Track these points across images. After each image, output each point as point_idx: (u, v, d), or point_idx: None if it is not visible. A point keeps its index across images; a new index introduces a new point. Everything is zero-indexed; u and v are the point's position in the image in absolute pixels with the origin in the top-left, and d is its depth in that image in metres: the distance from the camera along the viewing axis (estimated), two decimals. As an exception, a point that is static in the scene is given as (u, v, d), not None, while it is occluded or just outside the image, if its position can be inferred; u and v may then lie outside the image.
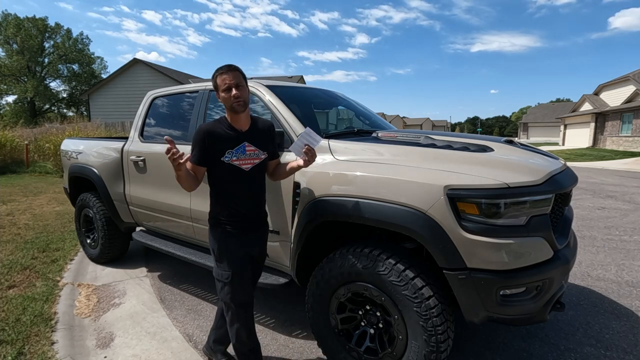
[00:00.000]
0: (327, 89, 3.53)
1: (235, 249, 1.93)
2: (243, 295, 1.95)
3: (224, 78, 1.82)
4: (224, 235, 1.93)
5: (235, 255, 1.92)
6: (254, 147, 1.91)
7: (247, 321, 1.98)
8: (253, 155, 1.91)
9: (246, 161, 1.89)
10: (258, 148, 1.93)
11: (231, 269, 1.91)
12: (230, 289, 1.91)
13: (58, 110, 42.05)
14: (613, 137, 24.94)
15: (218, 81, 1.84)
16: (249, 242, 1.97)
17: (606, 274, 3.61)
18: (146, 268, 3.96)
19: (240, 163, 1.88)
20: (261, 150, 1.94)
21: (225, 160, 1.86)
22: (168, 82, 19.92)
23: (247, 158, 1.89)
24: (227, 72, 1.83)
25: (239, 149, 1.88)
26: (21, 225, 5.35)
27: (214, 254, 1.97)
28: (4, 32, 36.76)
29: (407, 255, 1.94)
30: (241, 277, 1.93)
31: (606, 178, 10.96)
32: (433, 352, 1.80)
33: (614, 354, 2.36)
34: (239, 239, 1.93)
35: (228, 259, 1.92)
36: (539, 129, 45.07)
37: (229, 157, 1.86)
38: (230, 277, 1.90)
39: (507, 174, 1.78)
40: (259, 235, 2.05)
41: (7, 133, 13.41)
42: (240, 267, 1.93)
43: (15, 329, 2.60)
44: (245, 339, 1.97)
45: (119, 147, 3.60)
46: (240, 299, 1.94)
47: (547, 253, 1.80)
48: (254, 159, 1.91)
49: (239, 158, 1.88)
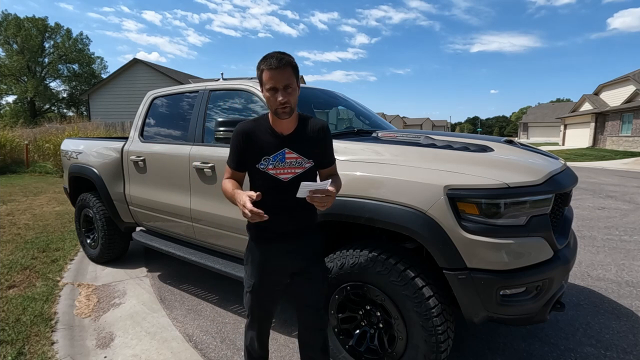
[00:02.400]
0: (327, 89, 3.52)
1: (261, 260, 1.70)
2: (260, 308, 1.77)
3: (270, 76, 1.49)
4: (254, 242, 1.73)
5: (260, 265, 1.71)
6: (296, 155, 1.60)
7: (261, 332, 1.83)
8: (294, 163, 1.59)
9: (285, 170, 1.59)
10: (302, 156, 1.60)
11: (253, 279, 1.73)
12: (250, 298, 1.76)
13: (58, 110, 42.05)
14: (613, 137, 24.93)
15: (264, 77, 1.51)
16: (281, 254, 1.69)
17: (606, 274, 3.60)
18: (146, 268, 3.96)
19: (277, 172, 1.58)
20: (305, 159, 1.61)
21: (260, 167, 1.59)
22: (168, 82, 19.91)
23: (286, 167, 1.59)
24: (276, 69, 1.48)
25: (277, 156, 1.58)
26: (21, 225, 5.35)
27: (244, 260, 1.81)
28: (4, 32, 36.76)
29: (407, 255, 1.94)
30: (261, 289, 1.73)
31: (606, 178, 10.95)
32: (433, 352, 1.80)
33: (614, 354, 2.35)
34: (267, 248, 1.69)
35: (252, 268, 1.74)
36: (539, 129, 45.07)
37: (265, 164, 1.58)
38: (252, 287, 1.74)
39: (507, 174, 1.78)
40: (294, 248, 1.69)
41: (7, 133, 13.41)
42: (261, 279, 1.71)
43: (15, 329, 2.59)
44: (256, 347, 1.84)
45: (119, 147, 3.60)
46: (258, 311, 1.77)
47: (547, 253, 1.80)
48: (295, 169, 1.59)
49: (275, 167, 1.58)
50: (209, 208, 2.79)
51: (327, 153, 1.70)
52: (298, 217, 1.66)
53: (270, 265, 1.70)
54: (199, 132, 2.92)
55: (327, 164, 1.72)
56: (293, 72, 1.54)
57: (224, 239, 2.79)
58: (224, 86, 2.93)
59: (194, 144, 2.92)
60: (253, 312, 1.78)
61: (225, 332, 2.68)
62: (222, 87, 2.94)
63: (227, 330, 2.69)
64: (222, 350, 2.46)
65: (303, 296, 1.77)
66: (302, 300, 1.78)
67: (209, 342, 2.56)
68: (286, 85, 1.50)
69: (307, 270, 1.73)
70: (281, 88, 1.50)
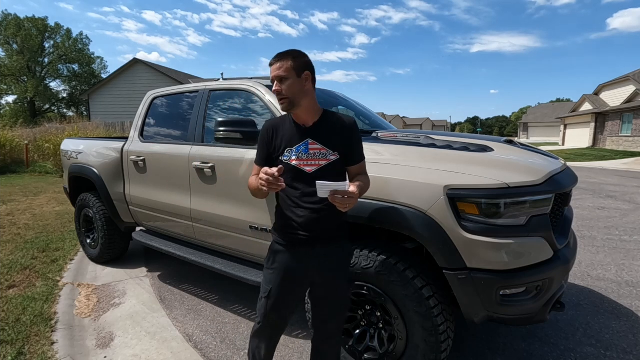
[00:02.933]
0: (327, 89, 3.52)
1: (283, 265, 1.63)
2: (275, 315, 1.68)
3: (271, 69, 1.57)
4: (276, 245, 1.67)
5: (280, 270, 1.63)
6: (320, 146, 1.57)
7: (272, 340, 1.74)
8: (318, 155, 1.56)
9: (309, 162, 1.56)
10: (326, 147, 1.57)
11: (271, 285, 1.64)
12: (266, 303, 1.66)
13: (58, 110, 42.09)
14: (613, 137, 24.94)
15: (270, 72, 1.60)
16: (304, 260, 1.62)
17: (606, 274, 3.60)
18: (146, 268, 3.96)
19: (300, 163, 1.56)
20: (330, 150, 1.57)
21: (284, 159, 1.58)
22: (168, 82, 19.91)
23: (310, 158, 1.56)
24: (274, 63, 1.55)
25: (300, 147, 1.57)
26: (21, 225, 5.35)
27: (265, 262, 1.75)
28: (4, 32, 36.78)
29: (407, 255, 1.94)
30: (278, 295, 1.64)
31: (606, 178, 10.95)
32: (433, 352, 1.80)
33: (614, 354, 2.35)
34: (290, 253, 1.63)
35: (271, 272, 1.66)
36: (539, 129, 45.07)
37: (288, 156, 1.57)
38: (268, 292, 1.65)
39: (507, 174, 1.78)
40: (320, 255, 1.61)
41: (7, 133, 13.42)
42: (281, 285, 1.63)
43: (15, 329, 2.59)
44: (263, 352, 1.73)
45: (119, 147, 3.60)
46: (272, 318, 1.68)
47: (547, 253, 1.80)
48: (319, 160, 1.56)
49: (299, 157, 1.56)
50: (209, 208, 2.79)
51: (354, 149, 1.64)
52: (326, 216, 1.59)
53: (293, 271, 1.63)
54: (199, 132, 2.92)
55: (355, 161, 1.66)
56: (292, 65, 1.55)
57: (224, 239, 2.79)
58: (224, 86, 2.93)
59: (194, 144, 2.92)
60: (267, 319, 1.68)
61: (225, 332, 2.68)
62: (222, 87, 2.94)
63: (227, 330, 2.69)
64: (222, 350, 2.46)
65: (323, 309, 1.72)
66: (322, 313, 1.73)
67: (209, 342, 2.56)
68: (281, 76, 1.54)
69: (331, 282, 1.67)
70: (277, 79, 1.56)
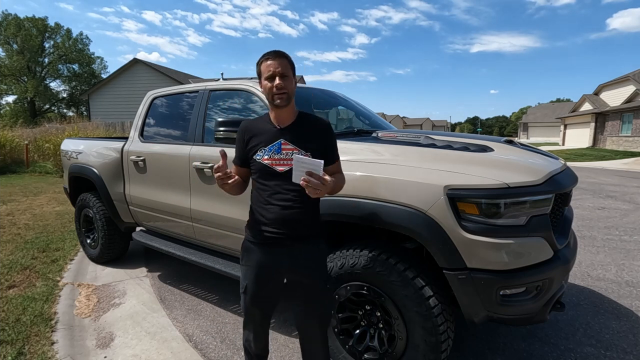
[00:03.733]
0: (327, 89, 3.52)
1: (256, 258, 1.69)
2: (255, 309, 1.75)
3: (268, 64, 1.58)
4: (248, 241, 1.73)
5: (254, 265, 1.69)
6: (292, 146, 1.60)
7: (257, 333, 1.82)
8: (291, 155, 1.58)
9: (281, 162, 1.60)
10: (299, 148, 1.60)
11: (247, 280, 1.72)
12: (244, 299, 1.75)
13: (58, 110, 42.09)
14: (613, 137, 24.93)
15: (262, 67, 1.60)
16: (275, 258, 1.67)
17: (606, 274, 3.60)
18: (146, 268, 3.96)
19: (272, 163, 1.60)
20: (303, 151, 1.60)
21: (257, 158, 1.63)
22: (168, 82, 19.92)
23: (282, 158, 1.60)
24: (274, 59, 1.59)
25: (273, 146, 1.61)
26: (21, 225, 5.35)
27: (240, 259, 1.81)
28: (4, 32, 36.78)
29: (407, 255, 1.94)
30: (255, 290, 1.71)
31: (606, 178, 10.95)
32: (433, 352, 1.80)
33: (614, 354, 2.35)
34: (262, 250, 1.68)
35: (247, 267, 1.72)
36: (539, 129, 45.06)
37: (261, 155, 1.62)
38: (246, 288, 1.73)
39: (507, 174, 1.78)
40: (292, 253, 1.65)
41: (7, 133, 13.42)
42: (257, 281, 1.69)
43: (15, 329, 2.59)
44: (252, 347, 1.83)
45: (118, 147, 3.60)
46: (253, 312, 1.76)
47: (547, 253, 1.80)
48: (291, 160, 1.56)
49: (271, 157, 1.61)
50: (209, 208, 2.79)
51: (328, 150, 1.67)
52: (297, 213, 1.62)
53: (267, 268, 1.68)
54: (199, 132, 2.92)
55: (328, 162, 1.67)
56: (289, 63, 1.62)
57: (224, 239, 2.79)
58: (224, 86, 2.93)
59: (194, 144, 2.92)
60: (248, 313, 1.78)
61: (225, 332, 2.68)
62: (222, 87, 2.94)
63: (227, 330, 2.69)
64: (222, 350, 2.46)
65: (301, 307, 1.76)
66: (300, 311, 1.77)
67: (209, 342, 2.56)
68: (283, 73, 1.57)
69: (306, 280, 1.69)
70: (278, 74, 1.57)
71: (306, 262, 1.67)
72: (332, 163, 1.71)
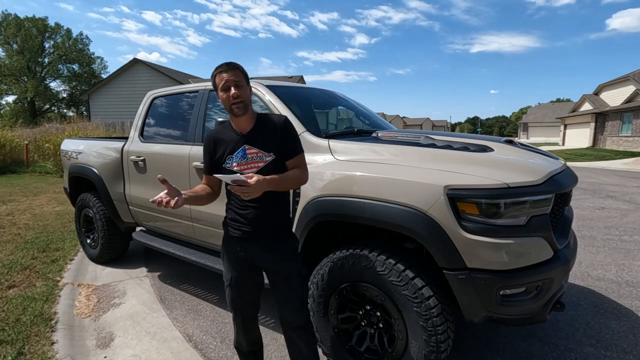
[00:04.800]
0: (327, 89, 3.53)
1: (234, 253, 1.81)
2: (239, 301, 1.84)
3: (223, 76, 1.67)
4: (226, 237, 1.84)
5: (233, 260, 1.81)
6: (256, 150, 1.72)
7: (246, 325, 1.89)
8: (256, 158, 1.71)
9: (248, 166, 1.70)
10: (262, 150, 1.72)
11: (229, 273, 1.83)
12: (229, 292, 1.85)
13: (58, 110, 42.09)
14: (613, 137, 24.93)
15: (217, 80, 1.71)
16: (254, 252, 1.79)
17: (606, 274, 3.60)
18: (146, 268, 3.96)
19: (241, 169, 1.70)
20: (265, 152, 1.71)
21: (226, 166, 1.73)
22: (168, 82, 19.91)
23: (248, 162, 1.71)
24: (226, 71, 1.68)
25: (239, 153, 1.72)
26: (21, 225, 5.35)
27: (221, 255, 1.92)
28: (4, 32, 36.77)
29: (407, 255, 1.94)
30: (238, 282, 1.82)
31: (606, 178, 10.95)
32: (433, 352, 1.80)
33: (614, 354, 2.35)
34: (241, 243, 1.79)
35: (227, 261, 1.84)
36: (539, 129, 45.05)
37: (229, 163, 1.73)
38: (230, 280, 1.83)
39: (507, 174, 1.78)
40: (268, 247, 1.78)
41: (7, 133, 13.41)
42: (238, 274, 1.81)
43: (15, 329, 2.59)
44: (242, 340, 1.91)
45: (119, 147, 3.60)
46: (237, 304, 1.85)
47: (547, 253, 1.80)
48: (257, 163, 1.71)
49: (239, 163, 1.71)
50: (209, 208, 2.78)
51: (288, 145, 1.77)
52: (269, 213, 1.76)
53: (243, 260, 1.80)
54: (199, 132, 2.92)
55: (290, 156, 1.77)
56: (242, 73, 1.72)
57: (224, 239, 2.79)
58: (224, 86, 2.93)
59: (194, 144, 2.92)
60: (234, 306, 1.85)
61: (225, 332, 2.68)
62: (222, 87, 2.93)
63: (227, 330, 2.69)
64: (222, 350, 2.46)
65: (277, 298, 1.85)
66: (278, 301, 1.86)
67: (209, 342, 2.56)
68: (237, 82, 1.67)
69: (279, 272, 1.80)
70: (233, 84, 1.66)
71: (277, 255, 1.79)
72: (292, 157, 1.78)
